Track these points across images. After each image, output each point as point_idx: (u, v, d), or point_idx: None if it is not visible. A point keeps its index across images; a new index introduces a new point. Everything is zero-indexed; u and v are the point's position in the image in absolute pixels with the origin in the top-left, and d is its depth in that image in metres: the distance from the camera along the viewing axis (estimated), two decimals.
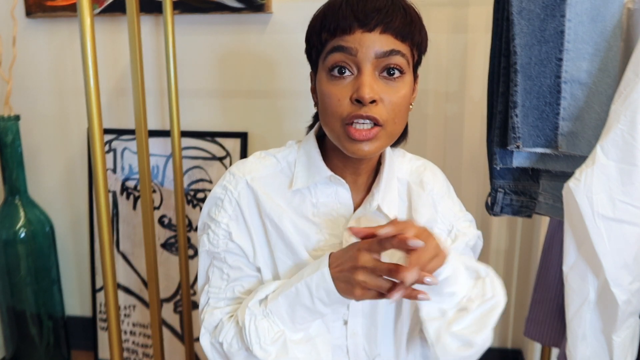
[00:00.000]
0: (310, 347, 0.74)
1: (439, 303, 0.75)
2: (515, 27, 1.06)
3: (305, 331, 0.75)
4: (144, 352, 1.71)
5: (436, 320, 0.75)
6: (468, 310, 0.75)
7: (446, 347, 0.74)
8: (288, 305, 0.71)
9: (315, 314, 0.71)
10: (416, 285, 0.66)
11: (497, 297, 0.78)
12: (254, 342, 0.71)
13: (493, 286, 0.78)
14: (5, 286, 1.61)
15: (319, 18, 0.72)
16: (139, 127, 1.30)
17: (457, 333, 0.74)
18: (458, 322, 0.74)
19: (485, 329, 0.75)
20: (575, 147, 1.05)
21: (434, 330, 0.75)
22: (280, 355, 0.71)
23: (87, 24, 0.99)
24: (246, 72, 1.58)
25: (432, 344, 0.75)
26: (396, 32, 0.68)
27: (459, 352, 0.74)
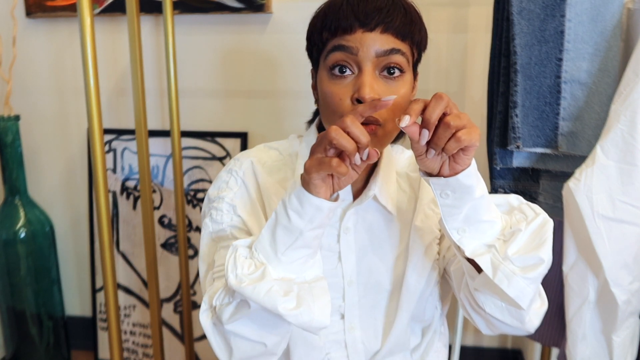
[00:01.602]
0: (295, 286, 0.65)
1: (481, 238, 0.67)
2: (515, 27, 1.06)
3: (296, 273, 0.67)
4: (144, 352, 1.71)
5: (485, 254, 0.67)
6: (517, 231, 0.67)
7: (509, 274, 0.65)
8: (270, 233, 0.65)
9: (294, 232, 0.64)
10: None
11: (541, 214, 0.69)
12: (230, 272, 0.65)
13: (532, 208, 0.70)
14: (5, 286, 1.61)
15: (319, 17, 0.72)
16: (139, 127, 1.30)
17: (515, 256, 0.65)
18: (512, 246, 0.66)
19: (546, 243, 0.66)
20: (575, 147, 1.05)
21: (487, 263, 0.66)
22: (255, 281, 0.63)
23: (87, 24, 0.99)
24: (246, 72, 1.58)
25: (491, 278, 0.65)
26: (397, 31, 0.68)
27: (526, 274, 0.65)
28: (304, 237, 0.64)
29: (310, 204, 0.62)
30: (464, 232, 0.67)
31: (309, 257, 0.67)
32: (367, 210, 0.80)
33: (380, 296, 0.81)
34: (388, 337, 0.81)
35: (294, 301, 0.63)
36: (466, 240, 0.67)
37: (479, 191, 0.64)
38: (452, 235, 0.67)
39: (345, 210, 0.79)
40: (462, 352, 0.90)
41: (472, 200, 0.64)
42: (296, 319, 0.63)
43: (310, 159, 0.61)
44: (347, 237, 0.79)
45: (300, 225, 0.63)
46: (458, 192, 0.63)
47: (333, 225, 0.79)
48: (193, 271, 1.64)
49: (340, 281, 0.79)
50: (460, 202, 0.64)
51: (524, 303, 0.66)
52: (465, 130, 0.57)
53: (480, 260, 0.66)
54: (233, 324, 0.67)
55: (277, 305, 0.62)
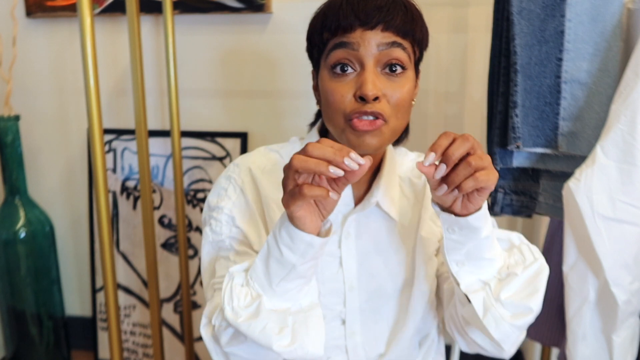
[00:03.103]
0: (290, 318, 0.66)
1: (478, 273, 0.68)
2: (515, 27, 1.06)
3: (291, 301, 0.67)
4: (144, 352, 1.71)
5: (480, 291, 0.68)
6: (514, 276, 0.68)
7: (498, 318, 0.67)
8: (263, 264, 0.66)
9: (287, 266, 0.63)
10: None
11: (539, 260, 0.70)
12: (227, 304, 0.65)
13: (532, 251, 0.71)
14: (5, 286, 1.61)
15: (319, 17, 0.72)
16: (139, 127, 1.30)
17: (507, 300, 0.67)
18: (506, 290, 0.67)
19: (537, 293, 0.68)
20: (575, 147, 1.05)
21: (479, 302, 0.68)
22: (250, 318, 0.64)
23: (87, 24, 0.99)
24: (246, 72, 1.58)
25: (480, 318, 0.67)
26: (397, 29, 0.68)
27: (514, 321, 0.67)
28: (297, 270, 0.64)
29: (301, 240, 0.62)
30: (463, 265, 0.68)
31: (304, 285, 0.67)
32: (369, 215, 0.79)
33: (382, 302, 0.81)
34: (394, 345, 0.80)
35: (288, 338, 0.64)
36: (463, 273, 0.68)
37: (485, 232, 0.64)
38: (450, 266, 0.68)
39: (347, 216, 0.78)
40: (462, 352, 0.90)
41: (477, 239, 0.65)
42: (290, 355, 0.64)
43: (283, 194, 0.60)
44: (348, 242, 0.79)
45: (292, 259, 0.63)
46: (465, 230, 0.64)
47: (334, 231, 0.79)
48: (193, 271, 1.64)
49: (341, 286, 0.79)
50: (465, 239, 0.65)
51: (506, 346, 0.69)
52: (485, 172, 0.58)
53: (474, 297, 0.68)
54: (231, 348, 0.68)
55: (271, 344, 0.63)
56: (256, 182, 0.80)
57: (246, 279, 0.67)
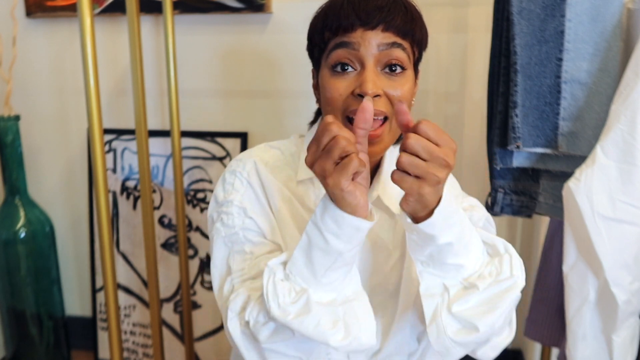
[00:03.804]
0: (340, 309, 0.64)
1: (442, 277, 0.66)
2: (515, 27, 1.06)
3: (336, 291, 0.65)
4: (144, 352, 1.71)
5: (436, 296, 0.66)
6: (476, 289, 0.65)
7: (441, 329, 0.65)
8: (304, 256, 0.63)
9: (332, 254, 0.62)
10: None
11: (514, 277, 0.67)
12: (271, 300, 0.63)
13: (512, 265, 0.68)
14: (5, 286, 1.61)
15: (320, 17, 0.73)
16: (139, 127, 1.30)
17: (457, 314, 0.65)
18: (461, 302, 0.65)
19: (493, 313, 0.65)
20: (575, 147, 1.05)
21: (430, 308, 0.66)
22: (301, 314, 0.62)
23: (87, 24, 0.99)
24: (246, 72, 1.58)
25: (427, 324, 0.66)
26: (398, 29, 0.69)
27: (457, 337, 0.64)
28: (343, 257, 0.62)
29: (349, 224, 0.60)
30: (427, 265, 0.67)
31: (347, 273, 0.65)
32: None
33: (381, 297, 0.81)
34: (387, 340, 0.80)
35: (342, 331, 0.63)
36: (426, 274, 0.67)
37: (443, 239, 0.62)
38: (416, 265, 0.67)
39: None
40: None
41: (434, 245, 0.63)
42: (347, 349, 0.63)
43: (329, 173, 0.58)
44: None
45: (339, 247, 0.61)
46: (421, 235, 0.63)
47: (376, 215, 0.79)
48: (193, 271, 1.64)
49: None
50: (423, 243, 0.64)
51: (447, 359, 0.67)
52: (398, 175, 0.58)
53: (426, 302, 0.66)
54: (272, 344, 0.66)
55: (327, 340, 0.62)
56: (260, 176, 0.80)
57: (286, 274, 0.65)
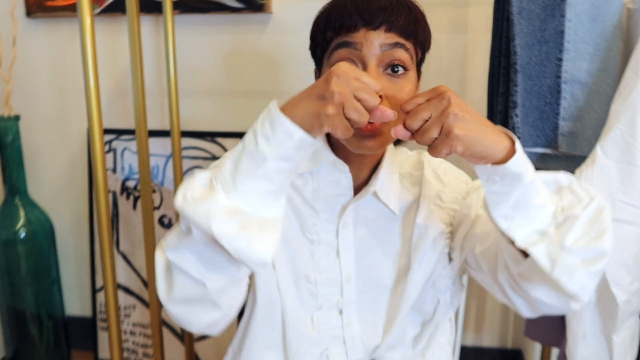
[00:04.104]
0: (244, 217, 0.59)
1: (530, 224, 0.61)
2: (515, 27, 1.06)
3: (249, 205, 0.59)
4: (144, 352, 1.71)
5: (540, 242, 0.60)
6: (575, 218, 0.60)
7: (569, 268, 0.59)
8: (233, 162, 0.60)
9: (257, 158, 0.58)
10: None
11: (596, 199, 0.62)
12: (180, 192, 0.59)
13: (585, 190, 0.63)
14: (5, 286, 1.61)
15: (323, 16, 0.73)
16: (139, 127, 1.30)
17: (574, 246, 0.59)
18: (569, 235, 0.60)
19: (606, 233, 0.60)
20: (575, 147, 1.05)
21: (543, 255, 0.60)
22: (198, 199, 0.58)
23: (87, 24, 0.99)
24: (246, 72, 1.58)
25: (548, 272, 0.59)
26: (401, 30, 0.69)
27: (589, 268, 0.59)
28: (266, 165, 0.58)
29: (282, 128, 0.58)
30: (512, 219, 0.62)
31: (269, 195, 0.60)
32: (368, 207, 0.80)
33: (379, 292, 0.81)
34: (388, 332, 0.80)
35: (235, 225, 0.57)
36: (515, 227, 0.61)
37: (528, 177, 0.59)
38: (499, 223, 0.62)
39: (345, 206, 0.79)
40: (462, 352, 0.90)
41: (521, 186, 0.59)
42: (231, 244, 0.57)
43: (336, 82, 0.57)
44: (345, 232, 0.79)
45: (266, 151, 0.58)
46: (507, 179, 0.59)
47: (332, 220, 0.79)
48: None
49: (338, 276, 0.80)
50: (509, 189, 0.60)
51: (585, 297, 0.61)
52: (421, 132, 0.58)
53: (535, 250, 0.60)
54: (174, 251, 0.62)
55: (211, 224, 0.56)
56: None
57: (208, 177, 0.61)
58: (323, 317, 0.80)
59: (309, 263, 0.79)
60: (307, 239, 0.80)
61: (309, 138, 0.59)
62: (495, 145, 0.58)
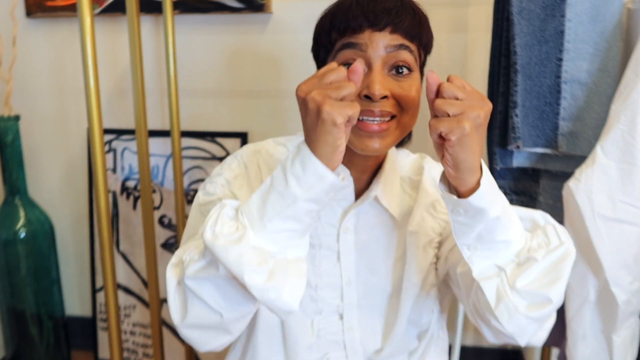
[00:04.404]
0: (272, 261, 0.60)
1: (493, 257, 0.63)
2: (515, 27, 1.06)
3: (277, 246, 0.61)
4: (144, 352, 1.71)
5: (493, 278, 0.63)
6: (533, 261, 0.62)
7: (511, 309, 0.61)
8: (261, 198, 0.61)
9: (287, 198, 0.59)
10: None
11: (565, 244, 0.64)
12: (208, 226, 0.60)
13: (558, 234, 0.65)
14: (5, 286, 1.61)
15: (327, 18, 0.72)
16: (139, 127, 1.30)
17: (523, 289, 0.62)
18: (523, 277, 0.62)
19: (559, 282, 0.62)
20: (575, 147, 1.05)
21: (492, 290, 0.62)
22: (230, 243, 0.58)
23: (87, 24, 0.99)
24: (246, 72, 1.58)
25: (492, 309, 0.62)
26: (405, 32, 0.69)
27: (530, 312, 0.62)
28: (296, 206, 0.59)
29: (314, 170, 0.58)
30: (475, 249, 0.64)
31: (295, 234, 0.61)
32: (369, 212, 0.80)
33: (379, 297, 0.81)
34: (389, 340, 0.80)
35: (265, 275, 0.58)
36: (476, 258, 0.64)
37: (493, 212, 0.60)
38: (462, 251, 0.64)
39: (347, 211, 0.79)
40: (462, 352, 0.90)
41: (485, 221, 0.61)
42: (262, 295, 0.58)
43: (328, 103, 0.57)
44: (346, 236, 0.79)
45: (296, 192, 0.58)
46: (470, 212, 0.60)
47: (333, 224, 0.79)
48: None
49: (338, 281, 0.79)
50: (472, 222, 0.61)
51: (522, 340, 0.65)
52: (436, 120, 0.58)
53: (485, 285, 0.63)
54: (195, 281, 0.63)
55: (244, 274, 0.57)
56: (260, 165, 0.81)
57: (235, 212, 0.62)
58: (323, 322, 0.80)
59: (309, 267, 0.79)
60: None
61: (339, 181, 0.59)
62: (474, 167, 0.59)
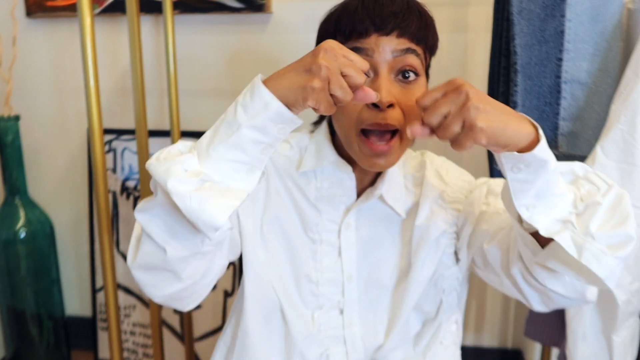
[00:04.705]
0: (208, 183, 0.57)
1: (552, 213, 0.60)
2: (515, 27, 1.06)
3: (218, 173, 0.58)
4: (144, 352, 1.71)
5: (564, 230, 0.59)
6: (596, 205, 0.60)
7: (598, 253, 0.58)
8: (212, 131, 0.59)
9: (233, 126, 0.58)
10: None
11: (614, 186, 0.62)
12: (155, 155, 0.59)
13: (602, 178, 0.63)
14: (5, 286, 1.61)
15: (332, 21, 0.72)
16: (139, 127, 1.30)
17: (599, 233, 0.59)
18: (592, 221, 0.59)
19: (629, 219, 0.59)
20: (575, 147, 1.05)
21: (569, 242, 0.59)
22: (164, 159, 0.57)
23: (87, 24, 0.99)
24: (246, 72, 1.58)
25: (576, 259, 0.59)
26: (412, 35, 0.68)
27: (616, 252, 0.58)
28: (240, 133, 0.57)
29: (261, 98, 0.57)
30: (534, 208, 0.60)
31: (241, 166, 0.59)
32: (372, 209, 0.80)
33: (381, 293, 0.81)
34: (391, 333, 0.80)
35: (192, 186, 0.55)
36: (537, 216, 0.60)
37: (553, 164, 0.58)
38: (521, 212, 0.61)
39: (349, 208, 0.79)
40: (462, 352, 0.90)
41: (546, 174, 0.58)
42: (183, 202, 0.54)
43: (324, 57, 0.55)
44: (348, 232, 0.79)
45: (241, 119, 0.57)
46: (532, 167, 0.58)
47: (334, 220, 0.79)
48: None
49: (339, 276, 0.80)
50: (533, 177, 0.58)
51: (611, 283, 0.60)
52: (444, 127, 0.56)
53: (560, 238, 0.59)
54: (142, 213, 0.60)
55: (167, 181, 0.54)
56: (267, 167, 0.80)
57: (189, 147, 0.60)
58: (324, 317, 0.80)
59: (310, 262, 0.79)
60: (309, 239, 0.80)
61: (287, 112, 0.57)
62: (519, 133, 0.56)
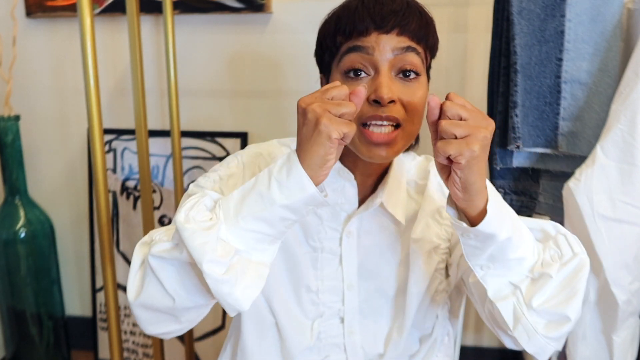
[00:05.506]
0: (236, 257, 0.59)
1: (506, 275, 0.62)
2: (515, 27, 1.06)
3: (245, 245, 0.60)
4: (144, 352, 1.71)
5: (509, 297, 0.62)
6: (548, 277, 0.61)
7: (530, 329, 0.61)
8: (241, 195, 0.60)
9: (265, 201, 0.58)
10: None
11: (579, 255, 0.63)
12: (182, 209, 0.60)
13: (570, 244, 0.64)
14: (5, 286, 1.61)
15: (332, 21, 0.71)
16: (139, 127, 1.30)
17: (540, 308, 0.61)
18: (538, 295, 0.61)
19: (576, 297, 0.61)
20: (575, 147, 1.05)
21: (509, 311, 0.61)
22: (198, 229, 0.58)
23: (87, 24, 0.99)
24: (246, 72, 1.58)
25: (511, 329, 0.61)
26: (412, 34, 0.68)
27: (549, 332, 0.61)
28: (272, 210, 0.58)
29: (297, 179, 0.58)
30: (488, 268, 0.63)
31: (265, 238, 0.61)
32: (373, 217, 0.79)
33: (381, 302, 0.81)
34: (392, 345, 0.80)
35: (224, 268, 0.58)
36: (490, 277, 0.63)
37: (504, 234, 0.59)
38: (475, 271, 0.64)
39: (351, 216, 0.78)
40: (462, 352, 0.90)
41: (495, 244, 0.60)
42: (216, 286, 0.57)
43: (327, 116, 0.56)
44: (349, 240, 0.78)
45: (276, 196, 0.58)
46: (480, 237, 0.60)
47: (336, 228, 0.78)
48: None
49: (340, 284, 0.79)
50: (483, 245, 0.61)
51: (542, 358, 0.63)
52: (444, 142, 0.56)
53: (502, 306, 0.62)
54: (158, 260, 0.62)
55: (203, 261, 0.56)
56: (261, 167, 0.79)
57: (214, 205, 0.62)
58: (324, 325, 0.80)
59: (310, 271, 0.79)
60: (310, 247, 0.79)
61: (320, 196, 0.58)
62: (480, 194, 0.58)
